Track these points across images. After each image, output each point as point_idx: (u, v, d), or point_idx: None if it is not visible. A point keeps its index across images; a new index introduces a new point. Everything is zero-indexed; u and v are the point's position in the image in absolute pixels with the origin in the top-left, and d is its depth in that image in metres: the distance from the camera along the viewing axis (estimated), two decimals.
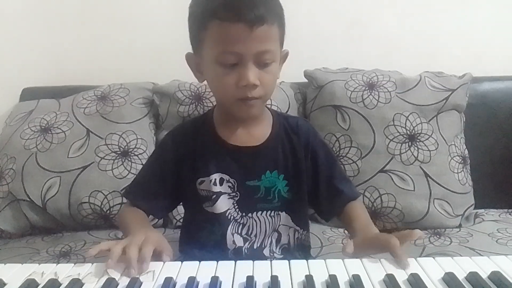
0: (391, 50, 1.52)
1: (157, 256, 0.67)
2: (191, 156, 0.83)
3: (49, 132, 1.29)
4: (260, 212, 0.83)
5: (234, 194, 0.82)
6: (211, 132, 0.84)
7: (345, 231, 1.20)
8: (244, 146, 0.82)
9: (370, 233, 0.77)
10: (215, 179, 0.82)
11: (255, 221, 0.83)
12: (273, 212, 0.84)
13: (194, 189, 0.83)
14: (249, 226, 0.83)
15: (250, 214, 0.83)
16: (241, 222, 0.83)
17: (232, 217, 0.82)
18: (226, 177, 0.82)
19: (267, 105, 0.89)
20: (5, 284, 0.61)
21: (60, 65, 1.57)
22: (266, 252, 0.84)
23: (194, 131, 0.86)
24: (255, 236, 0.83)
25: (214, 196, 0.82)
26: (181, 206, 0.97)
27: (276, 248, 0.85)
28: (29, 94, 1.48)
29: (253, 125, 0.83)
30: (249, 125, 0.83)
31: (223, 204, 0.82)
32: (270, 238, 0.84)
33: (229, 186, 0.82)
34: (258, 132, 0.84)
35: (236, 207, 0.82)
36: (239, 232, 0.83)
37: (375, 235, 0.75)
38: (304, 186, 0.86)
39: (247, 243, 0.83)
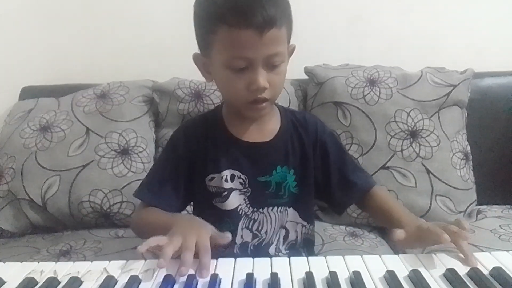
0: (392, 46, 1.51)
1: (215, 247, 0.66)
2: (202, 152, 0.83)
3: (49, 130, 1.29)
4: (270, 207, 0.83)
5: (245, 190, 0.82)
6: (221, 128, 0.83)
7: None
8: (255, 142, 0.82)
9: (424, 224, 0.70)
10: (226, 176, 0.81)
11: (266, 216, 0.83)
12: (282, 208, 0.84)
13: (204, 185, 0.82)
14: (259, 221, 0.83)
15: (261, 210, 0.83)
16: (252, 217, 0.83)
17: (243, 212, 0.82)
18: (237, 173, 0.81)
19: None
20: (4, 283, 0.61)
21: (59, 64, 1.56)
22: (271, 250, 0.84)
23: (205, 126, 0.85)
24: (266, 233, 0.83)
25: (226, 192, 0.81)
26: None
27: (282, 246, 0.85)
28: (28, 93, 1.48)
29: (263, 121, 0.83)
30: (259, 121, 0.83)
31: (235, 200, 0.82)
32: (278, 235, 0.84)
33: (240, 182, 0.82)
34: (268, 128, 0.84)
35: (247, 202, 0.82)
36: (250, 227, 0.83)
37: (431, 227, 0.67)
38: (311, 181, 0.86)
39: (256, 239, 0.83)
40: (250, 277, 0.58)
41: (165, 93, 1.35)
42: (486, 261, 0.61)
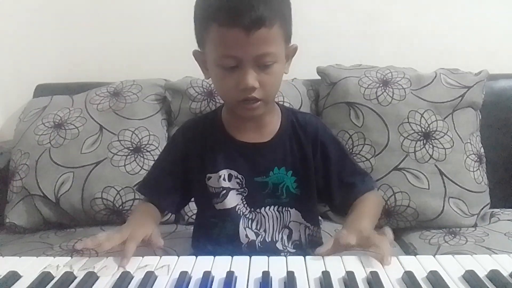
0: (406, 46, 1.51)
1: (147, 247, 0.71)
2: (200, 152, 0.84)
3: (63, 128, 1.29)
4: (268, 207, 0.83)
5: (242, 190, 0.83)
6: (219, 128, 0.84)
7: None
8: (252, 142, 0.83)
9: (365, 231, 0.70)
10: (224, 175, 0.82)
11: (263, 216, 0.83)
12: (281, 207, 0.84)
13: (204, 185, 0.83)
14: (257, 221, 0.84)
15: (258, 210, 0.83)
16: (249, 217, 0.83)
17: (241, 212, 0.83)
18: (234, 173, 0.82)
19: (277, 101, 0.88)
20: (20, 277, 0.61)
21: (73, 62, 1.58)
22: (279, 245, 0.84)
23: (203, 127, 0.87)
24: (265, 231, 0.84)
25: (223, 192, 0.82)
26: (193, 203, 0.97)
27: (288, 243, 0.85)
28: (42, 91, 1.49)
29: (262, 122, 0.83)
30: (258, 121, 0.83)
31: (232, 200, 0.83)
32: (281, 234, 0.84)
33: (237, 182, 0.82)
34: (267, 128, 0.84)
35: (244, 202, 0.83)
36: (250, 226, 0.83)
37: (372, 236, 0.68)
38: (313, 183, 0.85)
39: (259, 237, 0.83)
40: (266, 275, 0.58)
41: (177, 91, 1.36)
42: (505, 263, 0.60)
